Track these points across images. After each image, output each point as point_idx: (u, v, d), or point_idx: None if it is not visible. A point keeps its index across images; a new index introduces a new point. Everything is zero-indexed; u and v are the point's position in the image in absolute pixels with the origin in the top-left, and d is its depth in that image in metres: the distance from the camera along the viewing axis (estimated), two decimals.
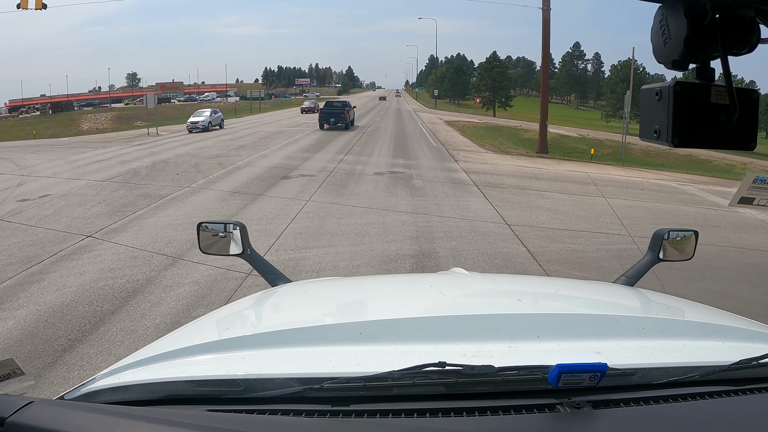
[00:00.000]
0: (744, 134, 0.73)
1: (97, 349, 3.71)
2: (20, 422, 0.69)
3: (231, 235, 1.81)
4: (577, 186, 12.09)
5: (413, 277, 2.63)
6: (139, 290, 4.88)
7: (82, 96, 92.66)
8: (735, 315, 1.34)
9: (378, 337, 1.02)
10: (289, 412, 0.80)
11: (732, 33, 0.68)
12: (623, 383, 0.87)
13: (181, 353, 0.99)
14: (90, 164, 14.31)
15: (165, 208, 8.46)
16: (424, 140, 22.59)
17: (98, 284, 5.02)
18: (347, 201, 9.17)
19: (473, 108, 59.77)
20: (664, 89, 0.71)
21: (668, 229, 1.75)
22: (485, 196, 10.00)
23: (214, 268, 5.31)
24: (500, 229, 7.58)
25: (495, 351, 0.97)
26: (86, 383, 0.97)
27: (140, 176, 11.81)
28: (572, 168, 15.81)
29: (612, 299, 1.53)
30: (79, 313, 4.34)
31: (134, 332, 3.97)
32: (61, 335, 3.93)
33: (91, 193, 9.76)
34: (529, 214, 8.69)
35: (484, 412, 0.80)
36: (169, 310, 4.44)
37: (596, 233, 7.61)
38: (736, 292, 5.26)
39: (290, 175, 11.96)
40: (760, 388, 0.90)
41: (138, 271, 5.40)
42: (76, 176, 12.03)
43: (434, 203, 9.21)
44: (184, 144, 19.99)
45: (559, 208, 9.29)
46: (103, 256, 5.95)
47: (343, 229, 7.27)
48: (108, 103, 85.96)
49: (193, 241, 4.65)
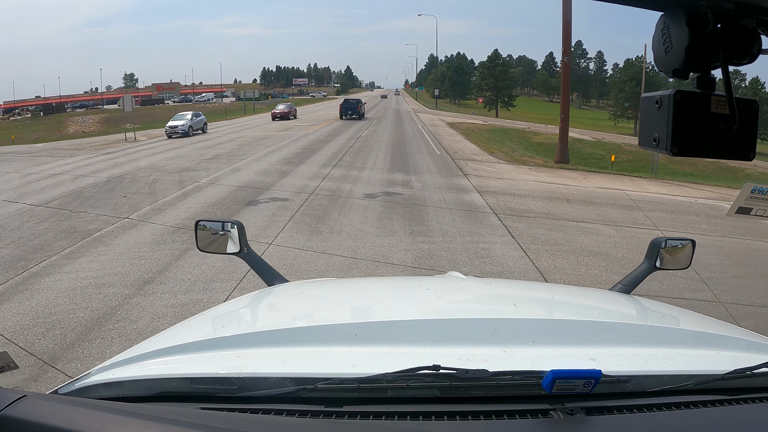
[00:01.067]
0: (743, 144, 0.74)
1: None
2: (13, 416, 0.69)
3: (228, 234, 1.80)
4: (620, 212, 9.65)
5: (410, 280, 2.60)
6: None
7: (77, 97, 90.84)
8: (730, 324, 1.39)
9: (373, 338, 1.01)
10: (283, 411, 0.81)
11: (733, 43, 0.69)
12: (617, 390, 0.87)
13: (176, 350, 1.00)
14: (43, 179, 12.62)
15: (79, 256, 6.27)
16: (425, 147, 19.98)
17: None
18: (324, 244, 6.74)
19: (475, 108, 57.39)
20: (664, 98, 0.71)
21: (665, 238, 1.76)
22: (510, 233, 7.56)
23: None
24: None
25: (490, 355, 0.97)
26: (80, 378, 0.96)
27: (82, 199, 9.86)
28: (604, 184, 13.28)
29: (608, 306, 1.53)
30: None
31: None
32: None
33: (11, 226, 7.90)
34: (575, 264, 6.28)
35: (477, 416, 0.80)
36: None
37: (676, 299, 5.19)
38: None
39: (258, 199, 9.54)
40: (755, 398, 0.90)
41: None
42: (15, 197, 10.26)
43: (444, 246, 6.78)
44: (155, 153, 17.89)
45: (611, 252, 6.87)
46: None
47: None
48: (102, 104, 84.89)
49: (90, 326, 4.26)
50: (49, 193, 10.48)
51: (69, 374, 3.44)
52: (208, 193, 10.09)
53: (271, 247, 6.52)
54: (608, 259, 6.53)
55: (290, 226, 7.61)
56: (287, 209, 8.65)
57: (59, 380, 3.34)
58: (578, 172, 15.64)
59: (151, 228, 7.50)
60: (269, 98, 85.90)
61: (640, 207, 10.18)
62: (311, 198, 9.64)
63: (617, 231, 8.09)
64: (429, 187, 11.12)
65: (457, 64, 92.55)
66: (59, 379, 3.37)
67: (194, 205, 8.99)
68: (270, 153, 17.02)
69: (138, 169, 13.64)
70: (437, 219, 8.30)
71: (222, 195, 9.87)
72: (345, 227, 7.61)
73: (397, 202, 9.53)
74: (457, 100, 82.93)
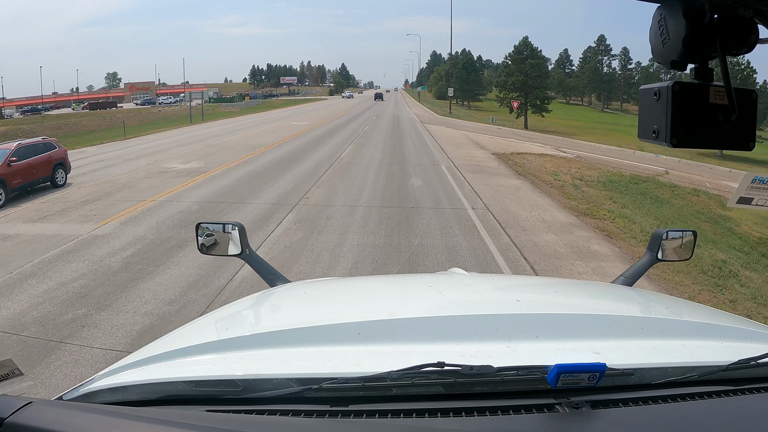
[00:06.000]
0: (743, 134, 0.74)
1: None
2: (19, 423, 0.69)
3: (230, 236, 1.78)
4: None
5: (412, 278, 2.45)
6: None
7: (29, 100, 79.97)
8: (734, 315, 1.39)
9: (377, 337, 1.00)
10: (288, 412, 0.80)
11: (730, 33, 0.69)
12: (622, 383, 0.87)
13: (180, 353, 0.98)
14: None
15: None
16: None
17: None
18: None
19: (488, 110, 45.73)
20: (663, 89, 0.71)
21: (667, 230, 1.73)
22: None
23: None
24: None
25: (494, 351, 0.96)
26: (85, 383, 0.96)
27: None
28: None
29: (610, 299, 1.51)
30: None
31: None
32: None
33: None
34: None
35: (483, 412, 0.80)
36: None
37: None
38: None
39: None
40: (759, 388, 0.90)
41: None
42: None
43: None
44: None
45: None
46: None
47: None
48: (62, 106, 75.38)
49: None
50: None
51: None
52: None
53: None
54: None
55: None
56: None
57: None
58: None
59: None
60: (246, 99, 74.14)
61: None
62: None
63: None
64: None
65: (466, 59, 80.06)
66: None
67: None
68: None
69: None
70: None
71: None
72: None
73: None
74: (467, 101, 70.96)
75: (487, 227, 7.92)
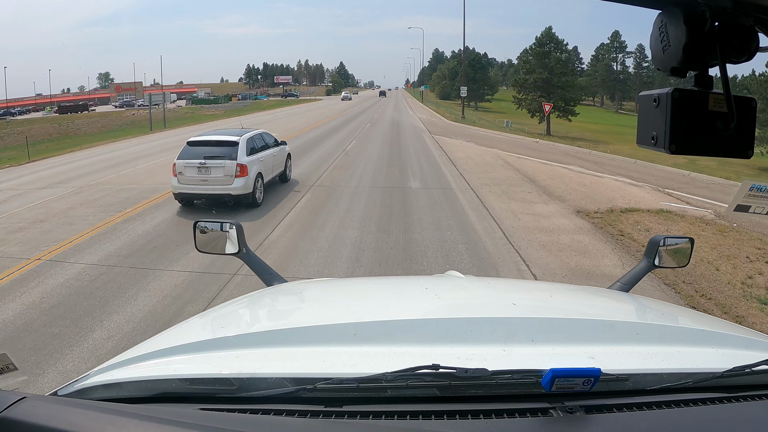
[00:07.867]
0: (741, 142, 0.73)
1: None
2: (13, 418, 0.68)
3: (227, 235, 1.79)
4: None
5: (408, 279, 2.49)
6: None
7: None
8: (729, 322, 1.39)
9: (372, 338, 1.00)
10: (282, 412, 0.80)
11: (731, 41, 0.68)
12: (617, 388, 0.86)
13: (175, 351, 0.98)
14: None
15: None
16: None
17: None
18: None
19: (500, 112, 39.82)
20: (662, 96, 0.71)
21: (664, 236, 1.73)
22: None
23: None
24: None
25: (489, 354, 0.96)
26: (79, 379, 0.96)
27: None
28: None
29: (607, 305, 1.51)
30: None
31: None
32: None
33: None
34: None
35: (477, 415, 0.80)
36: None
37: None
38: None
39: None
40: (753, 395, 0.89)
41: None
42: None
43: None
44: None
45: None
46: None
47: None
48: (41, 109, 72.11)
49: None
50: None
51: None
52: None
53: None
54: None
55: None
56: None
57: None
58: None
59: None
60: (234, 100, 68.62)
61: None
62: None
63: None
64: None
65: (472, 57, 74.24)
66: None
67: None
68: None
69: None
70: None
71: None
72: None
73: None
74: (474, 102, 65.23)
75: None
